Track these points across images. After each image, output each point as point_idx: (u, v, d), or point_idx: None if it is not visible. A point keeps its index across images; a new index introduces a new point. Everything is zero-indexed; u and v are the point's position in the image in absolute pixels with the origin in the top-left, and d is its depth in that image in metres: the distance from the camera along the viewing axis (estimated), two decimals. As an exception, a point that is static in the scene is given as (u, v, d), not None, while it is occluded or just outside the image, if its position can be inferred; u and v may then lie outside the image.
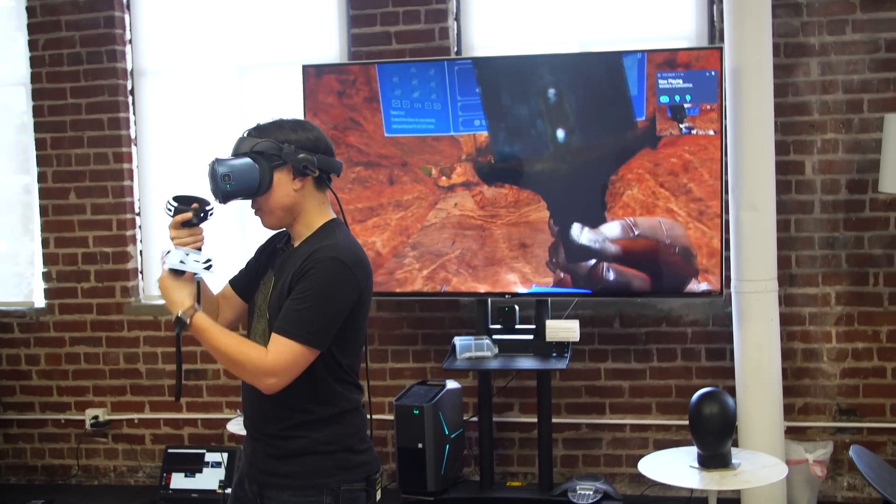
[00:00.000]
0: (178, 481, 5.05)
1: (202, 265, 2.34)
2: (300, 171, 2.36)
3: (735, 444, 3.77)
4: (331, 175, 2.46)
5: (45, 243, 5.47)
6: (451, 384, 4.65)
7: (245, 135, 2.41)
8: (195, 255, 2.34)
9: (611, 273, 4.41)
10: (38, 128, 5.42)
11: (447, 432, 4.49)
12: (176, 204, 2.39)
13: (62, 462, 5.57)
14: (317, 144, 2.41)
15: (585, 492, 4.39)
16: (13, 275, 5.64)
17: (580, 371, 4.96)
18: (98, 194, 5.37)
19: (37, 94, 5.41)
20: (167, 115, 5.43)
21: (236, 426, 4.56)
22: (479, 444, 4.71)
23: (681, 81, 4.30)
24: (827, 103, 4.70)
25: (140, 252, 5.45)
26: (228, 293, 2.60)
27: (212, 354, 2.39)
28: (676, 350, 4.89)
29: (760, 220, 4.38)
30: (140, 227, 5.45)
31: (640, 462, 3.62)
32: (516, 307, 4.60)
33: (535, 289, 4.50)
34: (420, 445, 4.38)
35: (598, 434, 5.01)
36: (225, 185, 2.31)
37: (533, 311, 4.58)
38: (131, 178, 5.40)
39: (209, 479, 5.02)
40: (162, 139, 5.44)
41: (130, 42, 5.40)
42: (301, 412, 2.37)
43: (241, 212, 4.83)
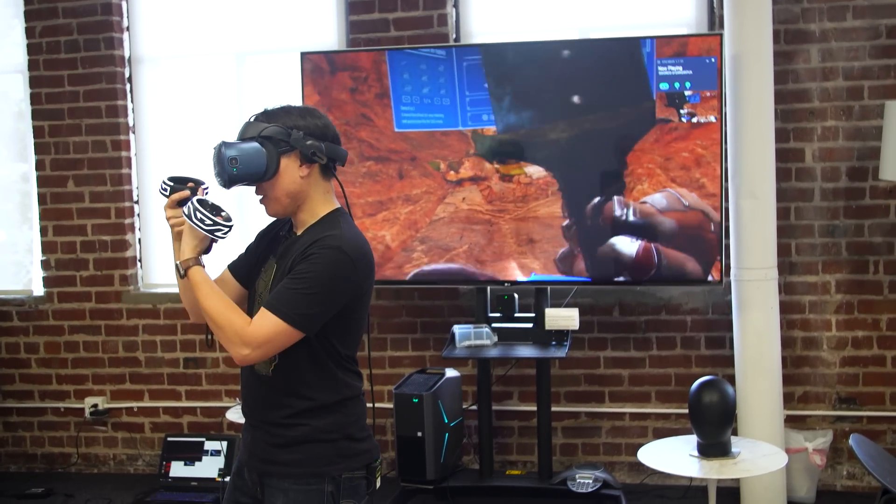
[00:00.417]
0: (178, 469, 5.05)
1: (205, 226, 2.29)
2: (308, 157, 2.34)
3: (734, 433, 3.76)
4: (336, 164, 2.44)
5: (43, 231, 5.46)
6: (451, 372, 4.64)
7: (252, 119, 2.39)
8: (207, 214, 2.29)
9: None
10: (35, 115, 5.41)
11: (446, 421, 4.49)
12: (171, 183, 2.37)
13: (62, 450, 5.57)
14: (325, 132, 2.39)
15: (585, 480, 4.39)
16: (12, 263, 5.64)
17: (579, 359, 4.96)
18: (96, 182, 5.36)
19: (34, 82, 5.39)
20: (165, 103, 5.42)
21: (235, 414, 4.55)
22: (478, 433, 4.71)
23: (680, 68, 4.28)
24: (827, 90, 4.68)
25: (139, 240, 5.44)
26: (227, 278, 2.56)
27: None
28: (676, 338, 4.89)
29: (760, 208, 4.36)
30: (138, 214, 5.43)
31: (640, 451, 3.62)
32: (515, 295, 4.60)
33: (534, 276, 4.49)
34: (419, 434, 4.38)
35: (597, 422, 5.01)
36: (231, 169, 2.27)
37: (532, 300, 4.58)
38: (129, 166, 5.39)
39: (209, 468, 5.02)
40: (160, 127, 5.42)
41: (128, 29, 5.38)
42: (302, 400, 2.36)
43: (240, 197, 4.83)
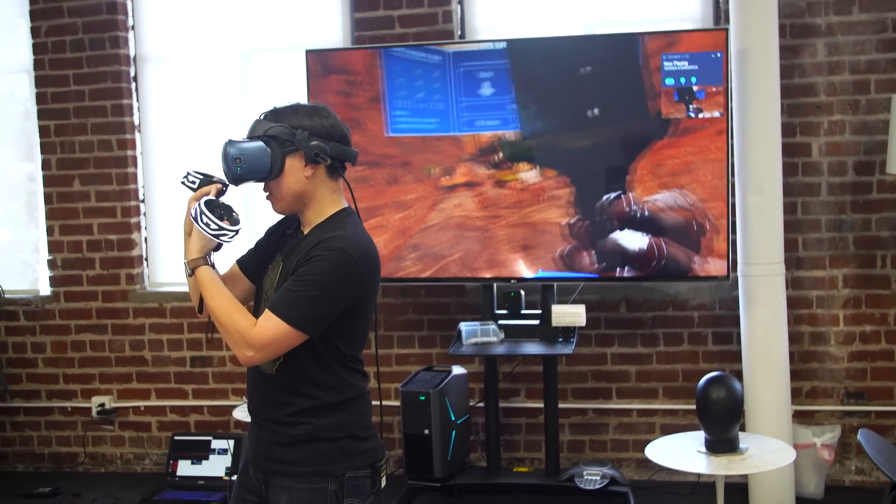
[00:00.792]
0: (185, 468, 5.05)
1: (210, 230, 2.31)
2: (312, 158, 2.34)
3: (742, 429, 3.76)
4: (345, 164, 2.44)
5: (49, 231, 5.47)
6: (457, 370, 4.64)
7: (261, 117, 2.40)
8: (212, 218, 2.31)
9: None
10: (41, 115, 5.42)
11: (453, 418, 4.48)
12: (201, 176, 2.39)
13: (69, 450, 5.58)
14: (331, 132, 2.39)
15: (592, 477, 4.38)
16: (18, 262, 5.64)
17: (586, 356, 4.95)
18: (102, 181, 5.36)
19: (40, 82, 5.40)
20: (170, 102, 5.42)
21: (242, 413, 4.55)
22: (485, 430, 4.70)
23: (686, 63, 4.27)
24: (833, 84, 4.67)
25: (145, 239, 5.44)
26: (237, 273, 2.58)
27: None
28: (683, 334, 4.88)
29: (767, 203, 4.35)
30: (144, 214, 5.43)
31: (647, 447, 3.60)
32: (522, 292, 4.59)
33: (540, 273, 4.48)
34: (426, 431, 4.37)
35: (604, 419, 5.00)
36: (236, 168, 2.30)
37: (539, 296, 4.57)
38: (135, 165, 5.39)
39: (216, 466, 5.02)
40: (165, 125, 5.43)
41: (133, 28, 5.38)
42: (306, 398, 2.36)
43: (247, 195, 4.82)
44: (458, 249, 4.52)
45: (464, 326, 4.49)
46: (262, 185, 2.42)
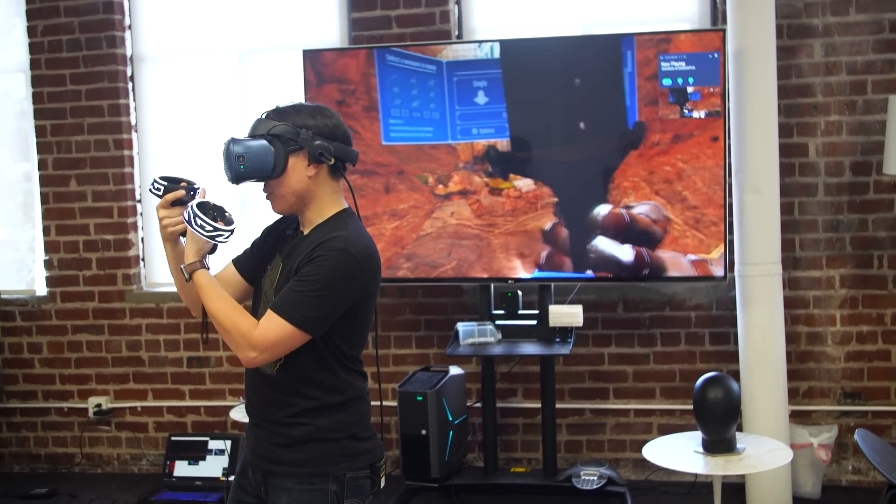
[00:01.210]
0: (182, 469, 5.05)
1: (206, 232, 2.29)
2: (315, 157, 2.33)
3: (739, 429, 3.76)
4: (346, 164, 2.43)
5: (46, 231, 5.46)
6: (455, 370, 4.64)
7: (263, 116, 2.38)
8: (206, 220, 2.29)
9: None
10: (37, 115, 5.40)
11: (451, 418, 4.48)
12: (165, 183, 2.37)
13: (65, 450, 5.57)
14: (335, 132, 2.38)
15: (589, 477, 4.38)
16: (14, 262, 5.63)
17: (584, 356, 4.95)
18: (99, 181, 5.36)
19: (36, 81, 5.39)
20: (167, 101, 5.41)
21: (239, 413, 4.55)
22: (482, 430, 4.70)
23: (683, 64, 4.27)
24: (830, 85, 4.67)
25: (141, 239, 5.44)
26: (231, 273, 2.55)
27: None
28: (680, 334, 4.88)
29: (764, 204, 4.35)
30: (141, 214, 5.43)
31: (645, 447, 3.61)
32: (519, 292, 4.59)
33: (537, 273, 4.48)
34: (423, 432, 4.37)
35: (601, 419, 5.00)
36: (239, 166, 2.28)
37: (536, 297, 4.57)
38: (132, 165, 5.38)
39: (213, 467, 5.01)
40: (162, 125, 5.42)
41: (130, 27, 5.37)
42: (306, 399, 2.35)
43: (244, 195, 4.82)
44: (453, 258, 4.51)
45: (461, 327, 4.49)
46: (261, 186, 2.40)
